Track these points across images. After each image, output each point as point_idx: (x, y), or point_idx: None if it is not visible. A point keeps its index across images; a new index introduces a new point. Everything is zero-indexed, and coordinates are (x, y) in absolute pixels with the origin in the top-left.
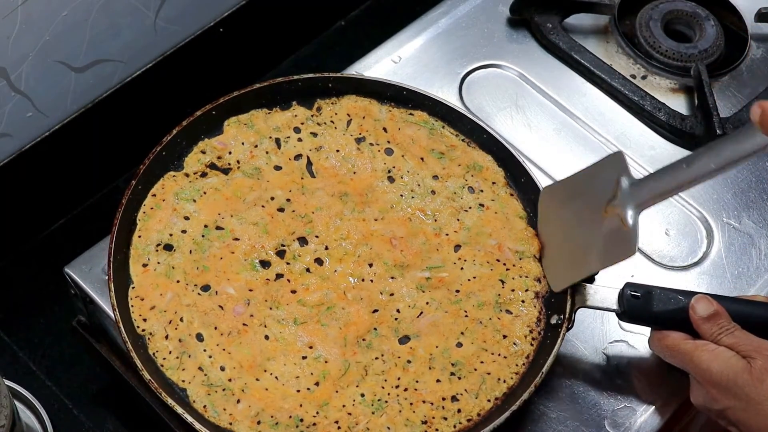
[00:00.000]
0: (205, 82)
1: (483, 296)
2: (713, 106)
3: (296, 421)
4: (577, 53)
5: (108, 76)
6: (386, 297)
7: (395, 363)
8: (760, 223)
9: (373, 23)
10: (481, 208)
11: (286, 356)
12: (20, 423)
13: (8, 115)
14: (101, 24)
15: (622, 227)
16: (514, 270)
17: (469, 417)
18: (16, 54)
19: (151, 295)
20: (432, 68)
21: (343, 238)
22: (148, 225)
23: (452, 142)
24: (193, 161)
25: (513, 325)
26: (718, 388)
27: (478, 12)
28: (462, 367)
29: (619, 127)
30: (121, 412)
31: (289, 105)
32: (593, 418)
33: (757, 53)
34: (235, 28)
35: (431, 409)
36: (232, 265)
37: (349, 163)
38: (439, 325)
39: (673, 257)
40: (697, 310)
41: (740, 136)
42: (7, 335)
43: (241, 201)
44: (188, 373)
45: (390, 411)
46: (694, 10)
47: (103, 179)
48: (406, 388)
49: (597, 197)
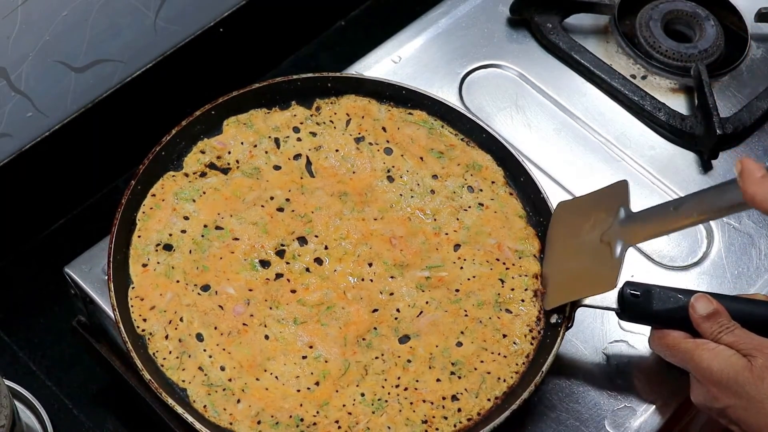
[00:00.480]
0: (204, 82)
1: (482, 295)
2: (713, 106)
3: (296, 420)
4: (577, 53)
5: (108, 76)
6: (386, 296)
7: (395, 362)
8: (760, 223)
9: (373, 23)
10: (481, 207)
11: (286, 356)
12: (20, 423)
13: (8, 115)
14: (101, 24)
15: (611, 258)
16: (513, 269)
17: (470, 416)
18: (16, 54)
19: (151, 295)
20: (432, 68)
21: (343, 238)
22: (147, 225)
23: (451, 142)
24: (193, 161)
25: (513, 325)
26: (719, 386)
27: (478, 12)
28: (462, 366)
29: (619, 127)
30: (121, 412)
31: (288, 105)
32: (593, 418)
33: (757, 53)
34: (235, 28)
35: (431, 408)
36: (232, 264)
37: (348, 163)
38: (438, 324)
39: (673, 257)
40: (697, 308)
41: (724, 187)
42: (7, 335)
43: (240, 201)
44: (188, 373)
45: (390, 410)
46: (694, 10)
47: (103, 179)
48: (406, 388)
49: (597, 224)
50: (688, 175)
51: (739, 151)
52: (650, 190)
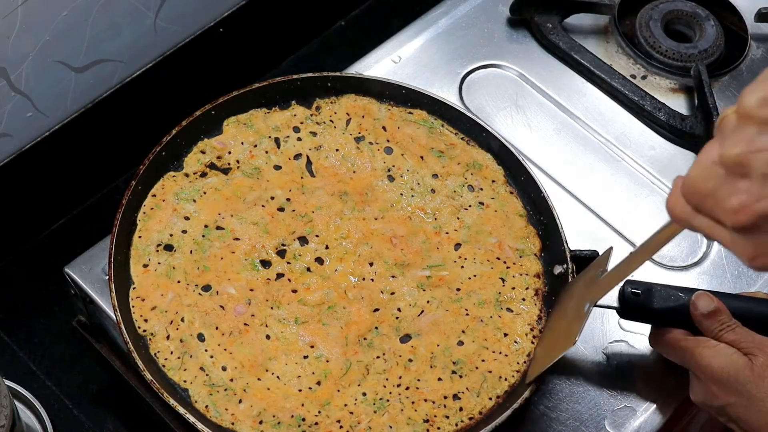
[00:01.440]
0: (204, 83)
1: (483, 294)
2: (713, 106)
3: (298, 420)
4: (577, 53)
5: (108, 76)
6: (387, 296)
7: (396, 362)
8: None
9: (373, 23)
10: (481, 206)
11: (287, 356)
12: (20, 423)
13: (8, 115)
14: (101, 24)
15: (578, 317)
16: (514, 268)
17: (471, 415)
18: (16, 54)
19: (152, 296)
20: (432, 68)
21: (344, 238)
22: (148, 225)
23: (451, 141)
24: (193, 161)
25: (514, 323)
26: (719, 384)
27: (478, 12)
28: (463, 365)
29: (619, 127)
30: (121, 412)
31: (288, 104)
32: (593, 418)
33: (757, 53)
34: (235, 28)
35: (433, 407)
36: (233, 264)
37: (348, 162)
38: (440, 323)
39: (673, 257)
40: (698, 306)
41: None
42: (7, 335)
43: (241, 201)
44: (190, 373)
45: (392, 410)
46: (694, 10)
47: (103, 179)
48: (408, 387)
49: (579, 292)
50: None
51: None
52: (650, 190)
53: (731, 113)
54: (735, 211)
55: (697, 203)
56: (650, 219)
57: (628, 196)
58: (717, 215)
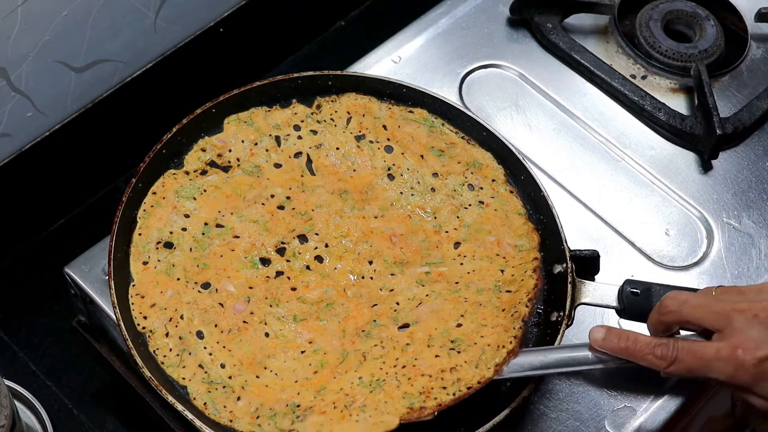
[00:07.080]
0: (205, 83)
1: (482, 284)
2: (713, 106)
3: (293, 407)
4: (577, 53)
5: (108, 76)
6: (386, 293)
7: (393, 347)
8: (760, 223)
9: (373, 23)
10: (481, 205)
11: (286, 353)
12: (20, 423)
13: (8, 115)
14: (101, 24)
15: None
16: (513, 260)
17: (469, 385)
18: (16, 54)
19: (152, 293)
20: (432, 68)
21: (343, 236)
22: (148, 223)
23: (452, 140)
24: (194, 159)
25: (512, 298)
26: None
27: (478, 12)
28: (462, 342)
29: (619, 127)
30: (121, 412)
31: (288, 103)
32: (593, 418)
33: (757, 53)
34: (235, 28)
35: (430, 380)
36: (233, 262)
37: (349, 161)
38: (438, 311)
39: (673, 257)
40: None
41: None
42: (7, 335)
43: (241, 199)
44: (188, 370)
45: (388, 387)
46: (694, 10)
47: (103, 179)
48: (404, 366)
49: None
50: (688, 175)
51: (739, 150)
52: (650, 189)
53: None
54: None
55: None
56: (649, 219)
57: (628, 195)
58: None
